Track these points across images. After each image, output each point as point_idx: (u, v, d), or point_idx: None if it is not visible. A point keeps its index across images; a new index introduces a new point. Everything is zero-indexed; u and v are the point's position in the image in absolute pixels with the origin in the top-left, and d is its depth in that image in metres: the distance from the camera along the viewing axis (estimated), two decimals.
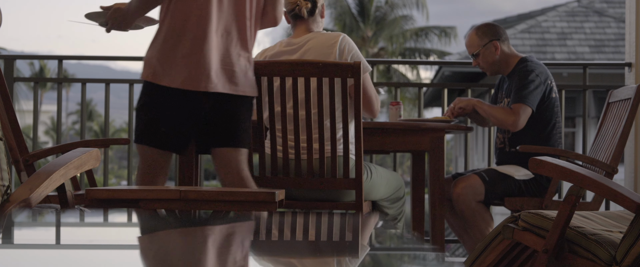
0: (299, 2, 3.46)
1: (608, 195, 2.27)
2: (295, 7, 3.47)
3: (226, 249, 1.67)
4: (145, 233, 2.01)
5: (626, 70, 4.70)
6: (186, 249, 1.59)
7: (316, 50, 3.36)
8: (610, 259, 2.26)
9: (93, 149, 2.58)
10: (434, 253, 1.77)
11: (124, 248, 1.65)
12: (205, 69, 3.07)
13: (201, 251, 1.56)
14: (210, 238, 1.88)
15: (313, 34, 3.43)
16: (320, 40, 3.39)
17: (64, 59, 4.85)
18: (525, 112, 3.80)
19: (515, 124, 3.79)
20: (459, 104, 3.93)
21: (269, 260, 1.54)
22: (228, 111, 3.15)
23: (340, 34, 3.41)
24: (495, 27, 4.01)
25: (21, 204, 2.29)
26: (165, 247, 1.65)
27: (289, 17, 3.51)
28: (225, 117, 3.16)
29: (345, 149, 3.25)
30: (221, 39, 3.11)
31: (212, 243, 1.77)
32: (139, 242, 1.80)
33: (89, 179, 3.60)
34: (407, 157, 21.37)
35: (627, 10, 4.71)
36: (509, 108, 3.82)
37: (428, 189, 3.83)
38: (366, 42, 24.47)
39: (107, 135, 4.75)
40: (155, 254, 1.54)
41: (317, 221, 2.34)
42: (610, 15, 16.14)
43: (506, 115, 3.81)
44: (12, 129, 3.14)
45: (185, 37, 3.08)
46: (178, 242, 1.77)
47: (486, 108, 3.88)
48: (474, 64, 4.04)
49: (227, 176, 3.18)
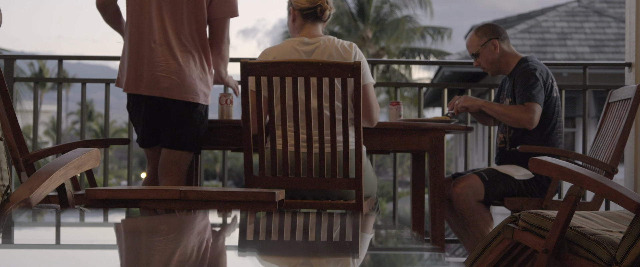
0: (323, 4, 3.46)
1: (608, 195, 2.27)
2: (317, 8, 3.46)
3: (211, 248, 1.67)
4: (137, 233, 2.01)
5: (626, 70, 4.70)
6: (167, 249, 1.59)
7: (335, 52, 3.38)
8: (610, 259, 2.26)
9: (93, 149, 2.58)
10: (434, 253, 1.77)
11: (123, 248, 1.65)
12: (141, 75, 3.53)
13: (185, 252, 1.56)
14: (207, 237, 1.88)
15: (326, 36, 3.46)
16: (335, 44, 3.42)
17: (64, 59, 4.85)
18: (538, 110, 3.81)
19: (531, 121, 3.80)
20: (463, 103, 3.92)
21: (269, 260, 1.54)
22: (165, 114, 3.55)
23: (352, 43, 3.46)
24: (494, 27, 4.03)
25: (21, 204, 2.29)
26: (151, 245, 1.65)
27: (299, 14, 3.49)
28: (163, 120, 3.57)
29: (345, 149, 3.25)
30: (159, 47, 3.51)
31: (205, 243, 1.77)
32: (128, 240, 1.80)
33: (89, 179, 3.60)
34: (407, 157, 21.36)
35: (627, 10, 4.71)
36: (523, 105, 3.82)
37: (428, 189, 3.83)
38: (366, 42, 24.45)
39: (107, 135, 4.75)
40: (138, 254, 1.54)
41: (317, 221, 2.34)
42: (610, 15, 16.14)
43: (522, 113, 3.81)
44: (12, 129, 3.13)
45: (131, 46, 3.56)
46: (165, 239, 1.77)
47: (497, 108, 3.88)
48: (475, 64, 4.05)
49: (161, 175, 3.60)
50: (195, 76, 3.54)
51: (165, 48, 3.52)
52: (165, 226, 2.16)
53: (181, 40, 3.53)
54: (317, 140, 3.31)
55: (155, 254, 1.54)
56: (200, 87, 3.56)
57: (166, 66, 3.50)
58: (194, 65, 3.54)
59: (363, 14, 25.24)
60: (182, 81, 3.51)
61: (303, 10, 3.48)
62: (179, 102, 3.52)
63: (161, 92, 3.51)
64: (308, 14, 3.47)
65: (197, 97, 3.54)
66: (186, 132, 3.57)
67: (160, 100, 3.54)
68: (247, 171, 3.33)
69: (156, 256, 1.51)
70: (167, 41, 3.52)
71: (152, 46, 3.52)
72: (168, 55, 3.51)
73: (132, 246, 1.67)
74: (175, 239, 1.84)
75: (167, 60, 3.51)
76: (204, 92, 3.58)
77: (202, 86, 3.57)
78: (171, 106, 3.53)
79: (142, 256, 1.49)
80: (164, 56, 3.51)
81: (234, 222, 2.28)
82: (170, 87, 3.50)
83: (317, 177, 3.30)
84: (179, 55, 3.51)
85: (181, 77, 3.50)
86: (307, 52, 3.42)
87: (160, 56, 3.51)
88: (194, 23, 3.55)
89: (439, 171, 3.72)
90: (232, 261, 1.50)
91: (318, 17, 3.47)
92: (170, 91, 3.51)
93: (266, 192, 2.61)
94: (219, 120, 3.74)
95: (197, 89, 3.54)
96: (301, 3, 3.48)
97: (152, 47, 3.52)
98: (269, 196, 2.59)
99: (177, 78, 3.50)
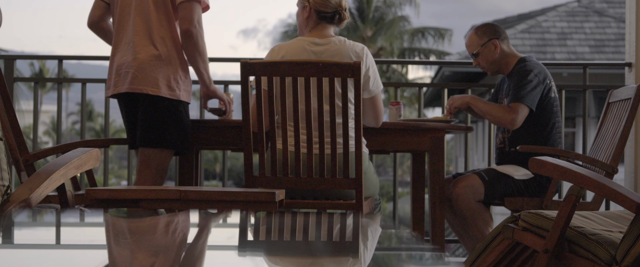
0: (342, 12, 3.46)
1: (608, 195, 2.27)
2: (335, 15, 3.46)
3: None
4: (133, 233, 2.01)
5: (626, 70, 4.70)
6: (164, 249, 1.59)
7: (346, 56, 3.38)
8: (610, 259, 2.26)
9: (93, 149, 2.58)
10: (434, 253, 1.77)
11: (121, 248, 1.65)
12: (111, 77, 3.65)
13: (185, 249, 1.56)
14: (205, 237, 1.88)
15: (337, 38, 3.46)
16: (347, 47, 3.41)
17: (64, 59, 4.85)
18: (523, 111, 3.80)
19: (513, 122, 3.80)
20: (454, 104, 3.94)
21: (269, 260, 1.54)
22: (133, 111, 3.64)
23: (364, 47, 3.47)
24: (494, 27, 4.03)
25: (21, 204, 2.29)
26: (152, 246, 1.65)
27: (316, 14, 3.49)
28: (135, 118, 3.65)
29: (346, 149, 3.25)
30: (126, 46, 3.60)
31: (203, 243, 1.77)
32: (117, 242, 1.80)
33: (89, 179, 3.60)
34: (407, 157, 21.37)
35: (627, 10, 4.71)
36: (507, 106, 3.82)
37: (428, 189, 3.83)
38: (365, 42, 24.46)
39: (107, 135, 4.75)
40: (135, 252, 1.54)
41: (317, 221, 2.34)
42: (610, 15, 16.14)
43: (504, 113, 3.81)
44: (12, 129, 3.13)
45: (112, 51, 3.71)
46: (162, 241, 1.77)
47: (481, 106, 3.88)
48: (475, 64, 4.04)
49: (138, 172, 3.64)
50: (158, 69, 3.54)
51: (132, 46, 3.58)
52: (161, 226, 2.16)
53: (150, 37, 3.56)
54: (317, 140, 3.31)
55: (143, 254, 1.54)
56: (165, 81, 3.55)
57: (130, 62, 3.56)
58: (157, 60, 3.55)
59: (363, 14, 25.25)
60: (143, 74, 3.54)
61: (320, 12, 3.47)
62: (140, 95, 3.55)
63: (126, 87, 3.57)
64: (325, 16, 3.47)
65: (158, 89, 3.54)
66: (153, 128, 3.57)
67: (126, 96, 3.61)
68: (247, 171, 3.33)
69: (143, 256, 1.51)
70: (135, 39, 3.58)
71: (122, 48, 3.62)
72: (134, 52, 3.56)
73: (122, 246, 1.67)
74: (168, 239, 1.84)
75: (133, 57, 3.56)
76: (169, 86, 3.56)
77: (170, 81, 3.56)
78: (140, 102, 3.58)
79: (127, 257, 1.49)
80: (132, 54, 3.57)
81: (234, 222, 2.28)
82: (131, 81, 3.55)
83: (318, 177, 3.29)
84: (143, 50, 3.56)
85: (141, 70, 3.54)
86: (316, 52, 3.42)
87: (128, 55, 3.58)
88: (164, 20, 3.57)
89: (439, 171, 3.72)
90: (232, 261, 1.50)
91: (332, 21, 3.48)
92: (131, 85, 3.55)
93: (266, 192, 2.61)
94: (219, 120, 3.74)
95: (159, 83, 3.54)
96: (320, 5, 3.46)
97: (122, 49, 3.62)
98: (269, 196, 2.59)
99: (137, 72, 3.54)
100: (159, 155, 3.59)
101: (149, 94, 3.54)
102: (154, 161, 3.59)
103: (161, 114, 3.56)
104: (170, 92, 3.56)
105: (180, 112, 3.60)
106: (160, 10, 3.58)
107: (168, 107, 3.56)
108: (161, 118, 3.56)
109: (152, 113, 3.56)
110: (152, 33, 3.57)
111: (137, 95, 3.57)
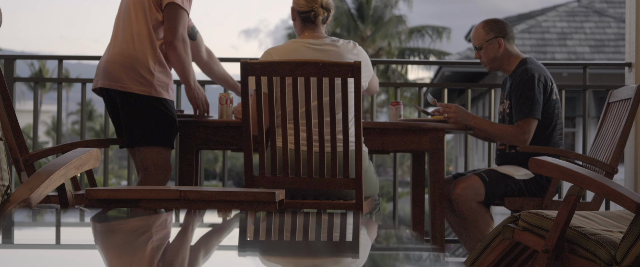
0: (316, 9, 3.46)
1: (608, 195, 2.27)
2: (310, 12, 3.47)
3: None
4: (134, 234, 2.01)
5: (626, 70, 4.70)
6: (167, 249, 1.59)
7: (340, 54, 3.39)
8: (610, 259, 2.26)
9: (93, 149, 2.58)
10: (434, 253, 1.77)
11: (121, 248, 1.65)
12: (99, 70, 3.69)
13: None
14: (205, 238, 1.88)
15: (330, 38, 3.49)
16: (340, 50, 3.44)
17: (64, 59, 4.85)
18: (533, 126, 3.80)
19: (525, 142, 3.81)
20: (453, 118, 3.85)
21: (269, 260, 1.54)
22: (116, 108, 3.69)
23: (355, 43, 3.51)
24: (503, 25, 4.00)
25: (21, 204, 2.29)
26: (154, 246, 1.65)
27: (299, 16, 3.50)
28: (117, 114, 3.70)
29: (346, 149, 3.25)
30: (119, 47, 3.62)
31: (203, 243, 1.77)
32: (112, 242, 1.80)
33: (89, 179, 3.60)
34: (407, 157, 21.36)
35: (627, 10, 4.71)
36: (517, 126, 3.81)
37: (428, 189, 3.83)
38: (365, 42, 24.46)
39: (107, 135, 4.75)
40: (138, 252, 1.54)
41: (317, 221, 2.34)
42: (610, 15, 16.15)
43: (515, 134, 3.81)
44: (12, 129, 3.13)
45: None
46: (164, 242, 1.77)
47: (489, 130, 3.85)
48: (476, 56, 4.03)
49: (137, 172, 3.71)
50: (130, 66, 3.58)
51: (112, 42, 3.67)
52: (161, 227, 2.16)
53: (131, 35, 3.61)
54: (317, 140, 3.31)
55: (140, 255, 1.54)
56: (136, 77, 3.57)
57: (108, 58, 3.64)
58: (129, 57, 3.59)
59: (362, 14, 25.25)
60: (114, 70, 3.60)
61: (301, 13, 3.49)
62: (114, 91, 3.61)
63: (100, 83, 3.65)
64: (304, 17, 3.48)
65: (128, 85, 3.57)
66: (134, 126, 3.61)
67: (106, 93, 3.69)
68: (247, 171, 3.33)
69: (141, 256, 1.51)
70: (115, 36, 3.67)
71: (109, 45, 3.72)
72: (112, 48, 3.65)
73: (118, 246, 1.67)
74: (168, 239, 1.84)
75: (111, 53, 3.64)
76: (140, 82, 3.57)
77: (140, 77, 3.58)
78: (118, 99, 3.62)
79: (126, 257, 1.49)
80: (110, 50, 3.66)
81: (234, 222, 2.28)
82: (103, 77, 3.63)
83: (318, 177, 3.29)
84: (119, 47, 3.62)
85: (113, 66, 3.60)
86: (314, 51, 3.43)
87: (108, 52, 3.68)
88: (141, 18, 3.62)
89: (439, 171, 3.72)
90: (232, 261, 1.50)
91: (312, 20, 3.48)
92: (104, 80, 3.62)
93: (266, 192, 2.61)
94: (219, 120, 3.74)
95: (128, 79, 3.57)
96: (299, 5, 3.50)
97: (109, 47, 3.72)
98: (269, 196, 2.59)
99: (110, 67, 3.61)
100: (146, 153, 3.62)
101: (120, 91, 3.59)
102: (151, 160, 3.62)
103: (138, 110, 3.60)
104: (141, 88, 3.59)
105: (156, 107, 3.61)
106: (138, 8, 3.62)
107: (143, 103, 3.59)
108: (140, 115, 3.60)
109: (130, 111, 3.61)
110: (132, 30, 3.62)
111: (112, 91, 3.64)
